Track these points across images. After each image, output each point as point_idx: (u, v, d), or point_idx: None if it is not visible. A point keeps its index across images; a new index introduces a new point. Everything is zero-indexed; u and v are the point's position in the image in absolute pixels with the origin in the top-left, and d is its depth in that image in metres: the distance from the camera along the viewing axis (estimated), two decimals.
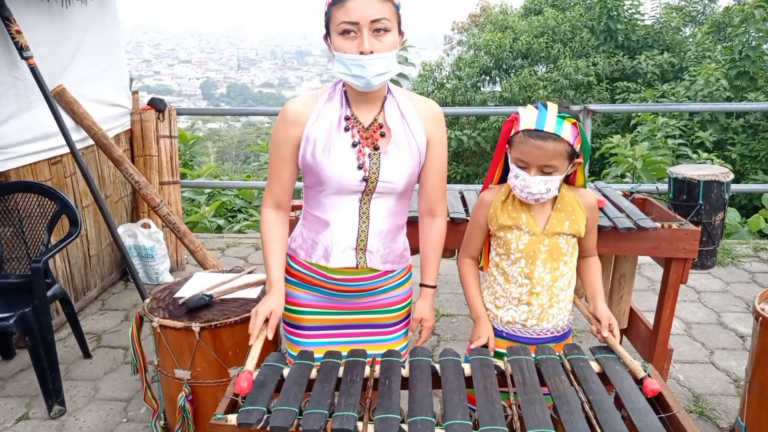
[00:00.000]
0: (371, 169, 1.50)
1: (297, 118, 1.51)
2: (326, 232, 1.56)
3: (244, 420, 1.22)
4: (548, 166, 1.50)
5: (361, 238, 1.56)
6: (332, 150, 1.49)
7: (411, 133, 1.53)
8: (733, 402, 2.48)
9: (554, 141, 1.48)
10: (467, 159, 13.08)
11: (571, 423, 1.19)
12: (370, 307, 1.64)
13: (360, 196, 1.53)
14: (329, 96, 1.53)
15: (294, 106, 1.53)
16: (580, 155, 1.56)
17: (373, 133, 1.52)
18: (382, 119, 1.52)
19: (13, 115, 2.87)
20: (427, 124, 1.55)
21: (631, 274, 2.30)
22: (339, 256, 1.56)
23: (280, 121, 1.54)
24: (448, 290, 3.64)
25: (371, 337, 1.66)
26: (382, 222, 1.56)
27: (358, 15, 1.36)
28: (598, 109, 4.32)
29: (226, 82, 69.54)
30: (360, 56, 1.38)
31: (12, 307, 2.43)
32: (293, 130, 1.51)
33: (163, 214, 3.52)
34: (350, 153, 1.49)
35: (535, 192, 1.52)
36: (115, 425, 2.41)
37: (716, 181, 2.32)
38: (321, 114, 1.50)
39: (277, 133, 1.55)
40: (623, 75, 12.79)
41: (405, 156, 1.52)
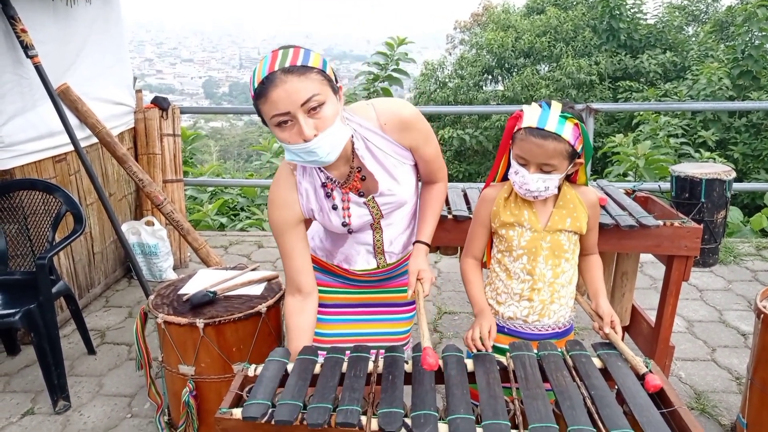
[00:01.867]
0: (373, 211, 1.54)
1: (287, 202, 1.51)
2: (343, 248, 1.64)
3: (249, 414, 1.23)
4: (547, 164, 1.51)
5: (377, 245, 1.63)
6: (323, 214, 1.54)
7: (392, 158, 1.51)
8: (735, 399, 2.49)
9: (554, 140, 1.48)
10: (469, 158, 13.09)
11: (573, 418, 1.20)
12: (386, 286, 1.72)
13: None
14: (302, 169, 1.51)
15: (279, 194, 1.52)
16: (582, 156, 1.57)
17: (354, 182, 1.51)
18: (358, 162, 1.49)
19: (18, 114, 2.89)
20: (401, 136, 1.49)
21: (633, 271, 2.31)
22: (360, 261, 1.64)
23: (275, 210, 1.52)
24: (450, 288, 3.65)
25: (384, 316, 1.73)
26: (397, 227, 1.63)
27: (285, 104, 1.27)
28: (600, 108, 4.32)
29: (228, 81, 69.60)
30: (306, 144, 1.30)
31: (17, 303, 2.45)
32: (288, 212, 1.51)
33: (167, 212, 3.53)
34: (336, 214, 1.53)
35: (533, 189, 1.53)
36: (120, 420, 2.43)
37: (718, 179, 2.32)
38: (303, 190, 1.52)
39: (276, 220, 1.53)
40: (626, 74, 12.79)
41: (398, 182, 1.52)
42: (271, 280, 2.40)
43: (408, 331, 1.79)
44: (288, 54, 1.29)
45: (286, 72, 1.26)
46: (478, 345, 1.47)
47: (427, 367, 1.33)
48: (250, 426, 1.24)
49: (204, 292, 2.22)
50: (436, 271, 3.93)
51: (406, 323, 1.78)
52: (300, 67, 1.27)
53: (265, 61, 1.30)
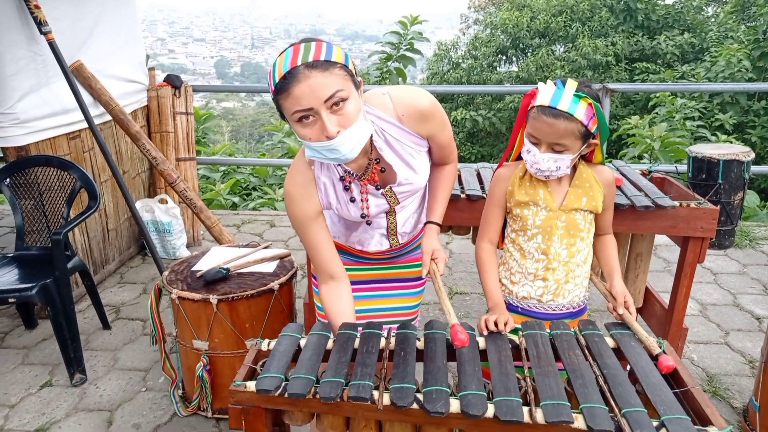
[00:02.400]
0: (391, 201, 1.54)
1: (306, 196, 1.48)
2: (357, 232, 1.64)
3: (263, 387, 1.24)
4: (558, 144, 1.48)
5: (391, 228, 1.63)
6: (342, 206, 1.52)
7: (409, 148, 1.49)
8: (748, 382, 2.48)
9: (566, 120, 1.46)
10: (482, 140, 13.00)
11: (586, 396, 1.20)
12: (397, 262, 1.72)
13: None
14: (320, 163, 1.48)
15: (297, 189, 1.48)
16: (597, 136, 1.54)
17: (372, 174, 1.49)
18: (376, 154, 1.47)
19: (33, 90, 2.90)
20: (420, 128, 1.47)
21: (648, 253, 2.29)
22: (374, 243, 1.65)
23: (293, 204, 1.48)
24: (461, 269, 3.65)
25: (393, 291, 1.73)
26: (409, 209, 1.63)
27: (309, 100, 1.23)
28: (617, 88, 4.25)
29: (240, 61, 69.45)
30: (329, 141, 1.27)
31: (34, 278, 2.48)
32: (309, 206, 1.48)
33: (180, 190, 3.55)
34: (354, 206, 1.52)
35: (544, 168, 1.52)
36: (135, 394, 2.47)
37: (736, 161, 2.29)
38: (322, 184, 1.49)
39: (296, 214, 1.49)
40: (642, 55, 12.58)
41: (416, 171, 1.51)
42: (284, 258, 2.41)
43: (417, 306, 1.80)
44: (311, 48, 1.25)
45: (310, 67, 1.22)
46: (491, 328, 1.46)
47: (458, 344, 1.32)
48: (263, 398, 1.26)
49: (217, 268, 2.24)
50: (448, 251, 3.92)
51: (415, 298, 1.78)
52: (323, 62, 1.23)
53: (287, 55, 1.25)
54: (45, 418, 2.32)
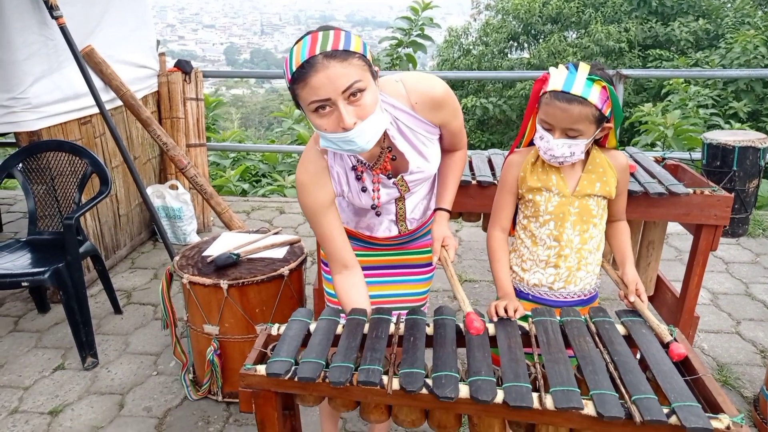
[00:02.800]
0: (402, 189, 1.53)
1: (319, 185, 1.46)
2: (366, 218, 1.63)
3: (273, 370, 1.25)
4: (573, 129, 1.46)
5: (401, 214, 1.62)
6: (354, 195, 1.52)
7: (422, 136, 1.48)
8: (759, 372, 2.46)
9: (580, 104, 1.44)
10: (492, 127, 12.92)
11: (596, 382, 1.19)
12: (407, 248, 1.72)
13: None
14: (333, 152, 1.46)
15: (311, 178, 1.46)
16: (611, 120, 1.52)
17: (385, 164, 1.48)
18: (389, 143, 1.46)
19: (44, 75, 2.91)
20: (433, 116, 1.46)
21: (660, 241, 2.27)
22: (382, 229, 1.64)
23: (306, 194, 1.46)
24: (471, 257, 3.64)
25: (403, 277, 1.73)
26: (418, 195, 1.63)
27: (327, 91, 1.20)
28: (630, 74, 4.20)
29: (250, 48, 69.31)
30: (345, 133, 1.25)
31: (46, 262, 2.51)
32: (323, 195, 1.47)
33: (191, 176, 3.56)
34: (365, 196, 1.51)
35: (558, 155, 1.50)
36: (146, 378, 2.50)
37: (752, 147, 2.25)
38: (335, 173, 1.48)
39: (310, 204, 1.47)
40: (656, 42, 12.41)
41: (427, 159, 1.50)
42: (294, 244, 2.42)
43: (426, 293, 1.80)
44: (329, 37, 1.22)
45: (328, 57, 1.20)
46: (501, 314, 1.45)
47: (474, 332, 1.33)
48: (273, 382, 1.26)
49: (228, 254, 2.25)
50: (458, 239, 3.91)
51: (425, 284, 1.78)
52: (342, 52, 1.21)
53: (304, 44, 1.23)
54: (58, 400, 2.36)
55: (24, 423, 2.23)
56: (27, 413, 2.28)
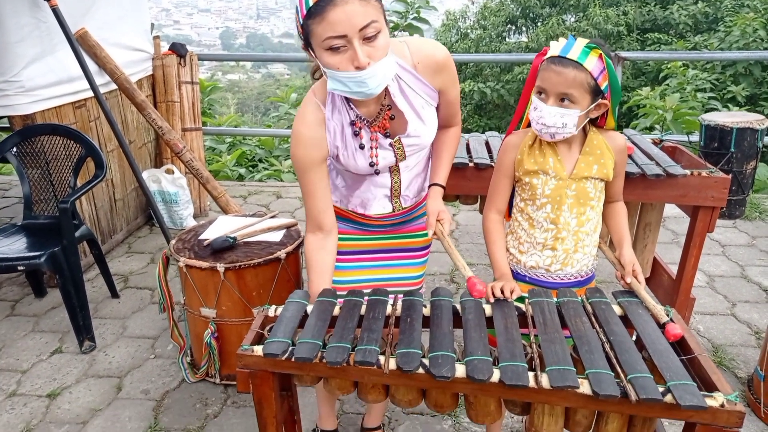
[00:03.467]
0: (397, 153, 1.52)
1: (314, 139, 1.45)
2: (359, 190, 1.62)
3: (270, 351, 1.25)
4: (566, 94, 1.45)
5: (395, 188, 1.61)
6: (350, 153, 1.50)
7: (421, 98, 1.48)
8: (753, 353, 2.48)
9: (575, 69, 1.43)
10: (490, 112, 12.86)
11: (592, 362, 1.20)
12: (402, 231, 1.71)
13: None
14: (331, 103, 1.45)
15: (306, 131, 1.45)
16: (608, 97, 1.50)
17: (383, 121, 1.48)
18: (389, 100, 1.46)
19: (37, 58, 2.87)
20: (434, 77, 1.48)
21: (657, 223, 2.27)
22: (376, 205, 1.63)
23: (300, 147, 1.46)
24: (468, 240, 3.65)
25: (398, 261, 1.73)
26: (414, 170, 1.62)
27: (344, 27, 1.20)
28: (629, 56, 4.18)
29: (246, 32, 68.73)
30: (358, 72, 1.25)
31: (42, 246, 2.50)
32: (315, 150, 1.46)
33: (186, 160, 3.54)
34: (362, 153, 1.50)
35: (550, 124, 1.48)
36: (143, 361, 2.50)
37: (750, 128, 2.24)
38: (332, 127, 1.47)
39: (300, 158, 1.47)
40: (654, 26, 12.32)
41: (425, 118, 1.50)
42: (290, 227, 2.41)
43: (421, 276, 1.80)
44: None
45: None
46: (497, 295, 1.46)
47: (477, 294, 1.40)
48: (270, 363, 1.27)
49: (224, 237, 2.24)
50: (455, 223, 3.91)
51: (420, 268, 1.78)
52: None
53: None
54: (56, 383, 2.36)
55: (22, 406, 2.24)
56: (25, 396, 2.29)
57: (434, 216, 1.57)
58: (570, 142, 1.56)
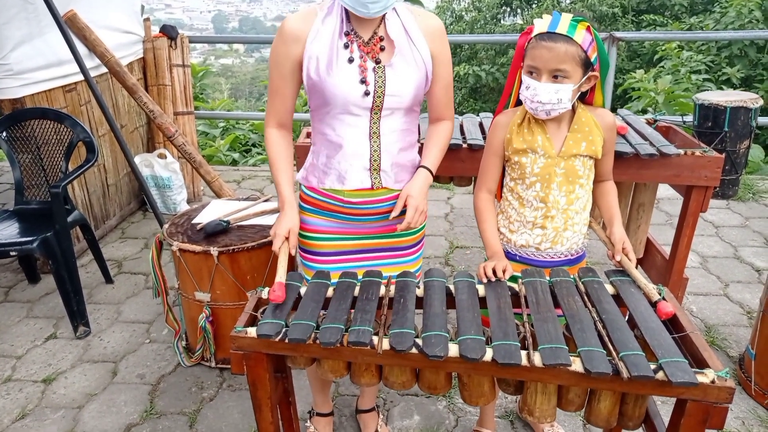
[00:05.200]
0: (377, 83, 1.48)
1: (297, 35, 1.48)
2: (338, 156, 1.55)
3: (264, 332, 1.25)
4: (559, 71, 1.44)
5: (374, 158, 1.56)
6: (334, 66, 1.46)
7: (414, 46, 1.51)
8: (745, 332, 2.50)
9: (566, 43, 1.43)
10: (485, 95, 12.79)
11: (584, 340, 1.21)
12: (387, 231, 1.65)
13: (369, 115, 1.52)
14: (328, 11, 1.49)
15: (293, 23, 1.49)
16: (597, 69, 1.50)
17: (374, 46, 1.49)
18: (383, 32, 1.51)
19: (26, 40, 2.83)
20: (430, 40, 1.53)
21: (650, 203, 2.27)
22: (354, 178, 1.56)
23: (279, 39, 1.50)
24: (462, 223, 3.65)
25: (387, 260, 1.68)
26: (394, 139, 1.57)
27: None
28: (624, 36, 4.15)
29: (238, 16, 67.95)
30: None
31: (35, 231, 2.48)
32: (294, 47, 1.49)
33: (179, 144, 3.52)
34: (351, 69, 1.47)
35: (545, 101, 1.47)
36: (138, 345, 2.50)
37: (743, 107, 2.24)
38: (320, 31, 1.47)
39: (276, 51, 1.51)
40: (650, 7, 12.24)
41: (411, 69, 1.51)
42: None
43: (419, 270, 1.76)
44: None
45: None
46: (490, 276, 1.46)
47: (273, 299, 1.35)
48: (264, 344, 1.27)
49: (217, 221, 2.23)
50: (448, 206, 3.91)
51: (415, 263, 1.74)
52: None
53: None
54: (51, 368, 2.36)
55: (18, 391, 2.24)
56: (21, 381, 2.29)
57: (403, 199, 1.55)
58: (559, 120, 1.56)
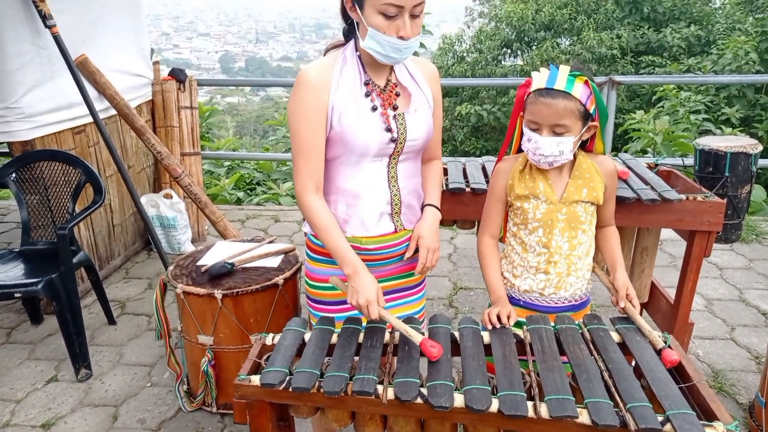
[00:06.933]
0: (399, 129, 1.52)
1: (322, 83, 1.46)
2: (359, 204, 1.55)
3: (267, 381, 1.25)
4: (559, 125, 1.48)
5: (395, 202, 1.58)
6: (358, 116, 1.48)
7: (421, 91, 1.57)
8: (754, 378, 2.47)
9: (564, 98, 1.46)
10: (487, 134, 12.94)
11: (590, 390, 1.20)
12: (395, 273, 1.66)
13: (388, 161, 1.55)
14: (343, 61, 1.50)
15: (315, 74, 1.46)
16: (596, 119, 1.54)
17: (390, 93, 1.54)
18: (395, 79, 1.55)
19: (38, 84, 2.90)
20: (432, 84, 1.61)
21: (654, 247, 2.28)
22: (377, 224, 1.57)
23: (305, 91, 1.45)
24: (466, 264, 3.65)
25: (391, 303, 1.68)
26: (409, 182, 1.61)
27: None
28: (623, 80, 4.23)
29: (245, 56, 69.40)
30: (400, 41, 1.39)
31: (40, 273, 2.49)
32: (322, 96, 1.46)
33: (185, 185, 3.55)
34: (374, 117, 1.49)
35: (547, 154, 1.50)
36: (140, 389, 2.48)
37: (743, 153, 2.26)
38: (340, 81, 1.48)
39: (304, 105, 1.45)
40: (648, 48, 12.48)
41: (425, 113, 1.57)
42: (288, 253, 2.41)
43: (422, 310, 1.76)
44: None
45: None
46: (494, 323, 1.46)
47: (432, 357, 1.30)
48: (267, 393, 1.26)
49: (222, 263, 2.24)
50: (452, 247, 3.92)
51: (419, 303, 1.74)
52: None
53: None
54: (51, 413, 2.34)
55: None
56: (19, 427, 2.26)
57: (414, 242, 1.59)
58: (560, 167, 1.59)
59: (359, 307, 1.44)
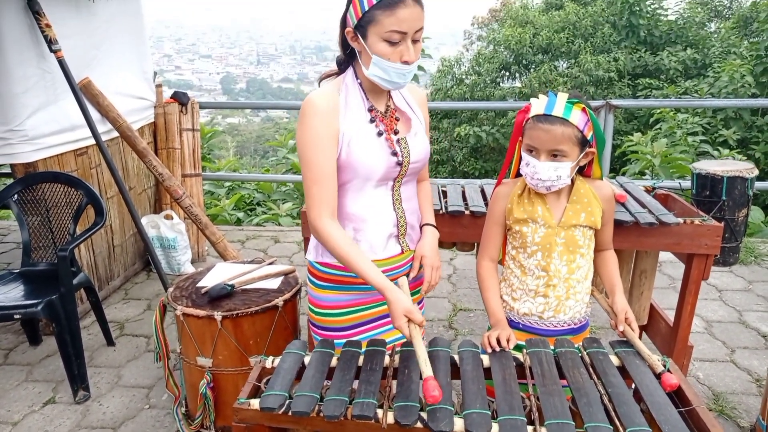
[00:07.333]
0: (403, 153, 1.55)
1: (332, 108, 1.47)
2: (367, 228, 1.57)
3: (267, 405, 1.25)
4: (557, 150, 1.51)
5: (401, 223, 1.62)
6: (366, 141, 1.50)
7: (415, 114, 1.62)
8: (755, 401, 2.46)
9: (562, 125, 1.49)
10: (485, 155, 13.03)
11: (590, 415, 1.20)
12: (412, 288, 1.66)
13: (392, 183, 1.58)
14: (345, 89, 1.53)
15: (324, 100, 1.47)
16: (593, 145, 1.56)
17: (391, 118, 1.57)
18: (393, 105, 1.60)
19: (41, 107, 2.94)
20: (422, 108, 1.67)
21: (652, 270, 2.28)
22: (385, 247, 1.60)
23: (315, 118, 1.44)
24: (465, 285, 3.65)
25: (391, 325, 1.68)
26: (411, 204, 1.65)
27: (408, 25, 1.38)
28: (620, 104, 4.28)
29: (246, 77, 70.06)
30: (403, 66, 1.43)
31: (40, 294, 2.49)
32: (333, 121, 1.47)
33: (186, 206, 3.57)
34: (380, 142, 1.52)
35: (545, 178, 1.53)
36: (138, 411, 2.46)
37: (740, 177, 2.29)
38: (347, 108, 1.51)
39: (315, 131, 1.44)
40: (645, 71, 12.63)
41: (422, 136, 1.62)
42: (288, 274, 2.42)
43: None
44: None
45: (415, 0, 1.39)
46: (494, 346, 1.46)
47: (431, 400, 1.18)
48: (267, 416, 1.26)
49: (222, 285, 2.24)
50: (451, 268, 3.92)
51: None
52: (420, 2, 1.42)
53: None
54: None
55: None
56: None
57: (418, 262, 1.63)
58: (558, 192, 1.61)
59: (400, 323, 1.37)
